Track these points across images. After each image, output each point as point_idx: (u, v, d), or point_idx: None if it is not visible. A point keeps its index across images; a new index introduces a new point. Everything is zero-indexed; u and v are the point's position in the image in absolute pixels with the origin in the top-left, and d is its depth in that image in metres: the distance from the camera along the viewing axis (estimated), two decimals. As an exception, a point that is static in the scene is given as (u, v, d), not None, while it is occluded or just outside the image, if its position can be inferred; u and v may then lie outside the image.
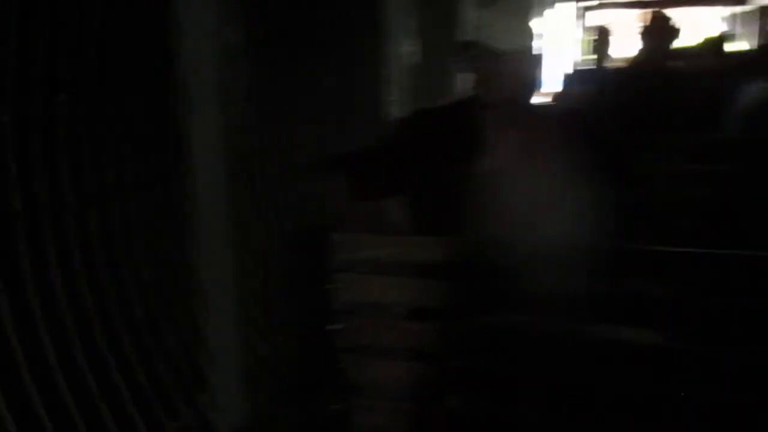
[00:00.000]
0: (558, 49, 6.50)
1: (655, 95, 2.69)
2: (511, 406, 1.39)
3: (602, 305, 1.32)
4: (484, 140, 1.74)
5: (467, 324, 1.46)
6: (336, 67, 2.28)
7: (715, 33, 4.10)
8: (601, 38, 3.72)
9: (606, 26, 3.97)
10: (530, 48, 1.70)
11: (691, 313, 1.26)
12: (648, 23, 3.01)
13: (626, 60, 3.84)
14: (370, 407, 1.45)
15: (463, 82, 1.80)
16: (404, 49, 2.32)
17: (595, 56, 3.94)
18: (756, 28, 10.45)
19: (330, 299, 1.44)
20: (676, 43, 3.36)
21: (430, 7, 2.65)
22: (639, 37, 3.03)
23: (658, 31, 3.02)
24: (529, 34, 1.70)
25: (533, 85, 1.74)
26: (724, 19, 12.58)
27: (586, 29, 8.16)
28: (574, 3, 7.68)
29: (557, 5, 6.99)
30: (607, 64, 3.78)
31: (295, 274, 1.45)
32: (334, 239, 1.42)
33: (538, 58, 1.70)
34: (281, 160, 1.98)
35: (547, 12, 6.31)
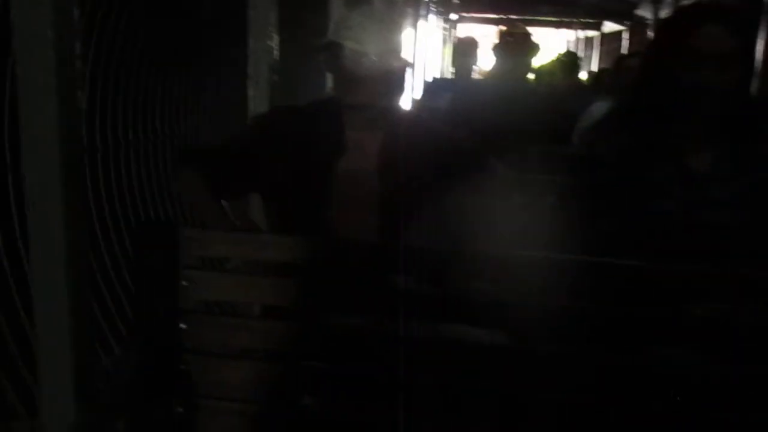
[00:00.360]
0: (424, 58, 6.71)
1: (507, 108, 2.83)
2: (366, 407, 1.40)
3: (452, 306, 1.36)
4: (341, 142, 1.75)
5: (321, 325, 1.47)
6: (201, 61, 2.22)
7: (565, 53, 4.39)
8: (463, 49, 3.86)
9: (471, 38, 4.11)
10: (395, 53, 1.72)
11: (532, 315, 1.33)
12: (505, 38, 3.17)
13: (486, 72, 4.03)
14: (218, 409, 1.41)
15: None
16: (270, 45, 2.30)
17: (458, 67, 4.08)
18: (598, 52, 11.32)
19: (179, 297, 1.39)
20: (533, 60, 3.57)
21: (297, 5, 2.65)
22: (497, 51, 3.18)
23: (516, 47, 3.18)
24: (394, 39, 1.73)
25: (395, 90, 1.77)
26: (569, 42, 13.54)
27: (455, 40, 8.46)
28: (443, 14, 7.94)
29: (428, 15, 7.20)
30: (470, 76, 3.94)
31: (143, 272, 1.39)
32: (184, 235, 1.37)
33: (402, 64, 1.73)
34: (143, 156, 1.90)
35: (417, 21, 6.48)
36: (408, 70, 1.79)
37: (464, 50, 3.85)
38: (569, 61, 4.44)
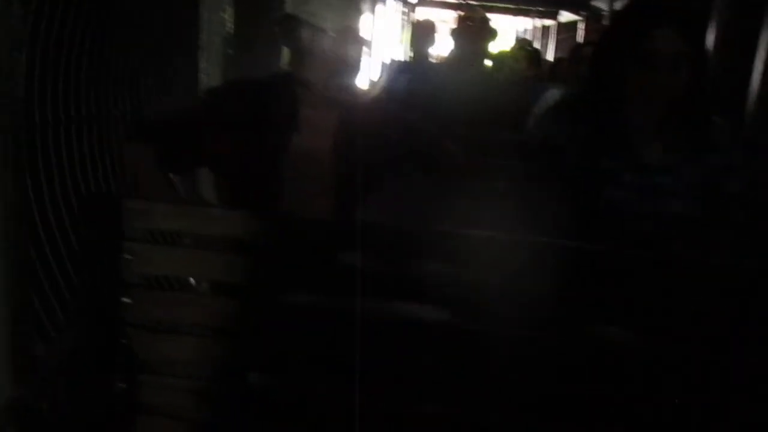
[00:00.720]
0: (383, 41, 6.67)
1: (463, 93, 2.84)
2: (313, 384, 1.39)
3: (397, 284, 1.35)
4: (295, 119, 1.72)
5: (268, 301, 1.45)
6: (151, 33, 2.15)
7: (523, 40, 4.42)
8: (421, 33, 3.84)
9: (429, 22, 4.09)
10: (353, 31, 1.70)
11: (485, 293, 1.33)
12: (463, 23, 3.16)
13: (443, 57, 4.02)
14: (161, 385, 1.38)
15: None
16: (223, 17, 2.25)
17: (416, 50, 4.06)
18: (554, 41, 11.47)
19: (122, 272, 1.35)
20: (491, 46, 3.57)
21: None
22: (455, 35, 3.17)
23: (474, 32, 3.18)
24: (353, 17, 1.71)
25: (351, 69, 1.75)
26: (526, 30, 13.67)
27: (414, 24, 8.43)
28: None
29: (387, -3, 7.16)
30: (428, 59, 3.92)
31: (85, 245, 1.34)
32: (128, 207, 1.33)
33: (359, 43, 1.71)
34: (91, 128, 1.83)
35: (376, 3, 6.43)
36: (365, 50, 1.77)
37: (422, 34, 3.83)
38: (527, 49, 4.48)
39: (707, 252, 1.54)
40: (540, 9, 11.14)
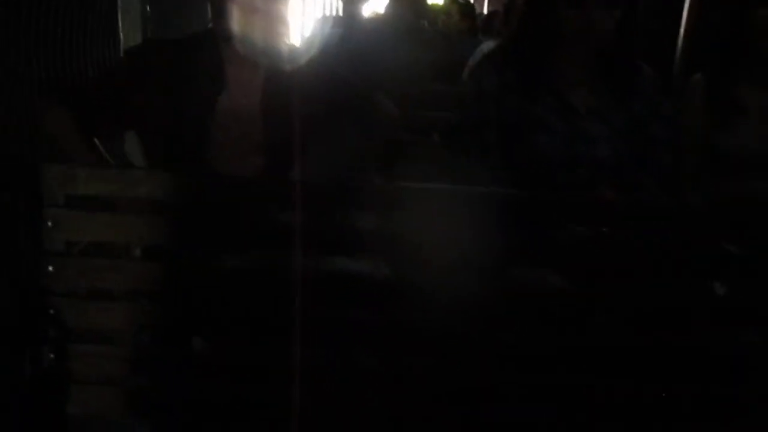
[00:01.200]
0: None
1: (397, 47, 2.81)
2: (255, 347, 1.37)
3: (334, 240, 1.34)
4: (221, 77, 1.67)
5: (198, 264, 1.42)
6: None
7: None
8: (354, -12, 3.76)
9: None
10: None
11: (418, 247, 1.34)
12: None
13: (377, 12, 3.96)
14: (93, 353, 1.35)
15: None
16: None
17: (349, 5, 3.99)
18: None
19: (42, 239, 1.30)
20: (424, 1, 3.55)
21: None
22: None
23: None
24: None
25: (279, 24, 1.69)
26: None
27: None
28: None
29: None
30: (362, 14, 3.86)
31: (2, 212, 1.29)
32: (48, 172, 1.28)
33: (285, -2, 1.66)
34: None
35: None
36: (293, 4, 1.72)
37: (355, -11, 3.75)
38: (459, 2, 4.45)
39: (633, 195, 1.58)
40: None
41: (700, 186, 1.77)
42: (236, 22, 1.64)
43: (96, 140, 1.68)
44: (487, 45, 3.20)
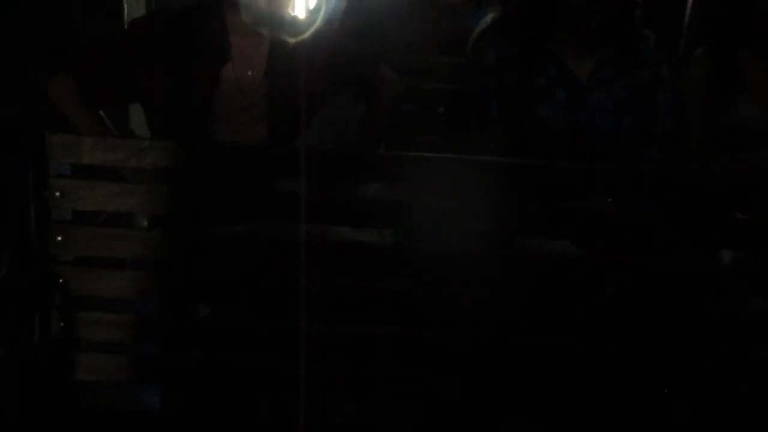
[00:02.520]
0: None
1: (400, 18, 2.78)
2: (256, 313, 1.38)
3: (339, 208, 1.35)
4: (225, 46, 1.67)
5: (205, 233, 1.43)
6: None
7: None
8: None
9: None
10: None
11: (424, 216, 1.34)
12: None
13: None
14: (100, 321, 1.36)
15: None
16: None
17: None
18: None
19: (48, 209, 1.31)
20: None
21: None
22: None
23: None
24: None
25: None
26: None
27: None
28: None
29: None
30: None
31: (3, 182, 1.29)
32: (53, 141, 1.28)
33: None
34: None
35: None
36: None
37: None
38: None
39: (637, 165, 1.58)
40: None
41: (706, 157, 1.76)
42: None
43: (101, 112, 1.68)
44: (491, 17, 3.17)
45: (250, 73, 1.69)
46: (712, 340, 1.30)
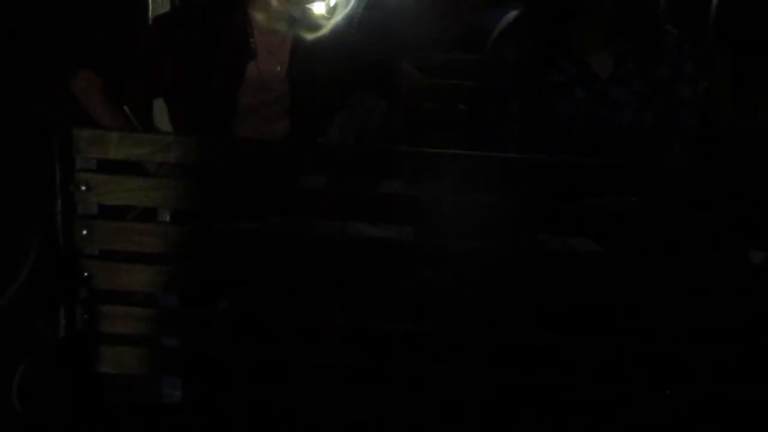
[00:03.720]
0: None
1: (420, 16, 2.78)
2: (281, 312, 1.39)
3: (359, 204, 1.35)
4: (247, 43, 1.68)
5: (228, 227, 1.44)
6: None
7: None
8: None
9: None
10: None
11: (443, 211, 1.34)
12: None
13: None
14: (123, 315, 1.38)
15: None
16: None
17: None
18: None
19: (74, 204, 1.33)
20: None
21: None
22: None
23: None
24: None
25: None
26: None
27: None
28: None
29: None
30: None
31: (32, 177, 1.31)
32: (79, 135, 1.29)
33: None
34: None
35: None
36: None
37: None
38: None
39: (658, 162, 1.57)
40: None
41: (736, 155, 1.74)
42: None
43: (125, 107, 1.70)
44: (512, 15, 3.16)
45: (273, 69, 1.70)
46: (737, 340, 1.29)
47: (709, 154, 1.66)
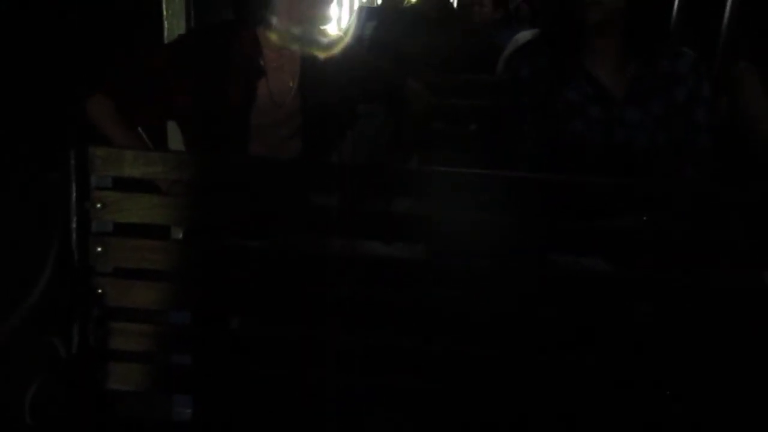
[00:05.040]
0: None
1: (431, 35, 2.81)
2: (293, 330, 1.40)
3: (371, 222, 1.36)
4: (257, 63, 1.70)
5: (240, 245, 1.45)
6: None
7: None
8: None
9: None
10: None
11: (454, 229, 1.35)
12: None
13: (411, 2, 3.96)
14: (135, 332, 1.39)
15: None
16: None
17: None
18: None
19: (89, 220, 1.34)
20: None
21: None
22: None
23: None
24: None
25: (315, 11, 1.71)
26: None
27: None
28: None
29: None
30: (397, 4, 3.86)
31: (49, 194, 1.33)
32: (94, 153, 1.31)
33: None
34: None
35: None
36: None
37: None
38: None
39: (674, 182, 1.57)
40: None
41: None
42: (276, 8, 1.66)
43: (139, 129, 1.71)
44: (523, 35, 3.18)
45: (284, 87, 1.72)
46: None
47: (731, 173, 1.65)
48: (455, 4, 3.87)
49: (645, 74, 1.62)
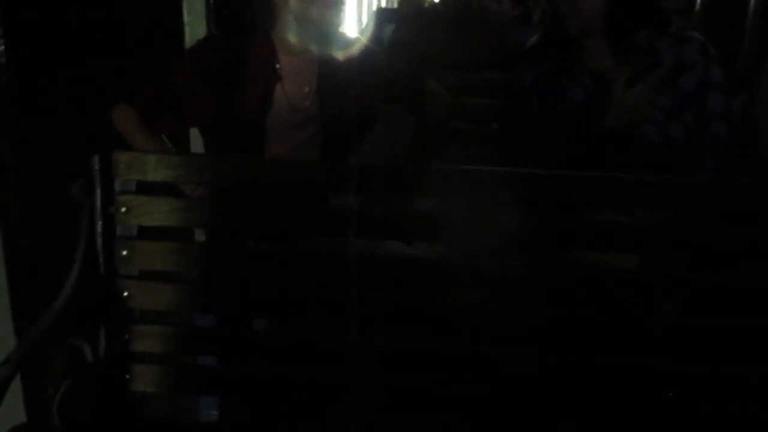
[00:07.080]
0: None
1: (448, 36, 2.81)
2: (316, 332, 1.40)
3: (390, 223, 1.36)
4: (274, 66, 1.71)
5: (262, 247, 1.46)
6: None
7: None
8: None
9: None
10: None
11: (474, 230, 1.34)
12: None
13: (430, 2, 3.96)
14: (159, 335, 1.40)
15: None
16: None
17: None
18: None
19: (113, 224, 1.36)
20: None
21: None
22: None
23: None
24: None
25: (332, 13, 1.72)
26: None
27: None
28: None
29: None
30: (416, 5, 3.87)
31: (73, 198, 1.35)
32: (118, 159, 1.33)
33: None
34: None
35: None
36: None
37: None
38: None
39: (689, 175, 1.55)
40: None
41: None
42: (293, 11, 1.67)
43: (163, 136, 1.73)
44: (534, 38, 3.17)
45: (301, 91, 1.72)
46: None
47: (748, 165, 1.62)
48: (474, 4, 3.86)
49: (646, 66, 1.59)
